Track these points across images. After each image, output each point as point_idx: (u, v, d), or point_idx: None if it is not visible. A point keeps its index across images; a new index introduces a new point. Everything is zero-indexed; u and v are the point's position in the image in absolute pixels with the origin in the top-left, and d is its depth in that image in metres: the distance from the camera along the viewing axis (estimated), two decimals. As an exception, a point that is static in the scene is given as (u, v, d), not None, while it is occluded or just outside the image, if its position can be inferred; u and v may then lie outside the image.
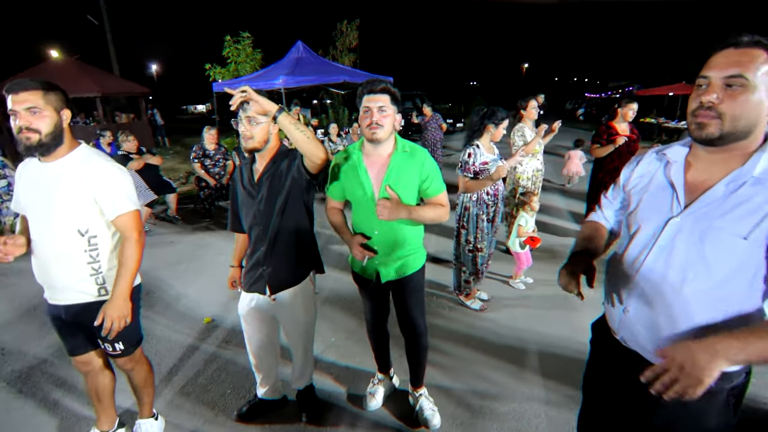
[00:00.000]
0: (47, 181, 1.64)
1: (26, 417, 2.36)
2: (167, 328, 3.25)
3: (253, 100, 1.64)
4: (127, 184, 1.74)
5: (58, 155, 1.64)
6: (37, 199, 1.65)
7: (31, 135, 1.54)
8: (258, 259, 1.94)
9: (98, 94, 12.47)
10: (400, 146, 1.89)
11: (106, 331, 1.68)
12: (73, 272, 1.70)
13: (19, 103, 1.52)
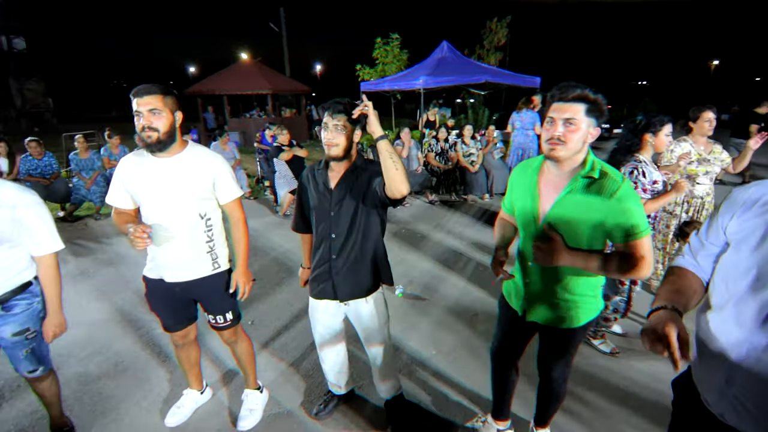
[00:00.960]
0: (170, 174, 1.88)
1: (150, 374, 2.86)
2: (285, 309, 3.57)
3: (369, 117, 1.67)
4: (232, 172, 2.02)
5: (173, 152, 1.88)
6: (161, 190, 1.88)
7: (152, 133, 1.78)
8: (327, 266, 1.95)
9: (270, 91, 14.49)
10: (587, 169, 1.49)
11: (241, 295, 2.09)
12: (195, 251, 1.98)
13: (143, 105, 1.76)
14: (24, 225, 1.80)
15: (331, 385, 2.37)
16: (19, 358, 1.92)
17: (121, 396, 2.55)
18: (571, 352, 1.79)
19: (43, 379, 2.04)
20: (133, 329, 3.28)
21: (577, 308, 1.65)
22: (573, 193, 1.51)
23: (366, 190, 1.83)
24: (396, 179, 1.63)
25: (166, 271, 1.99)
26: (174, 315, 2.14)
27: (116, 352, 2.98)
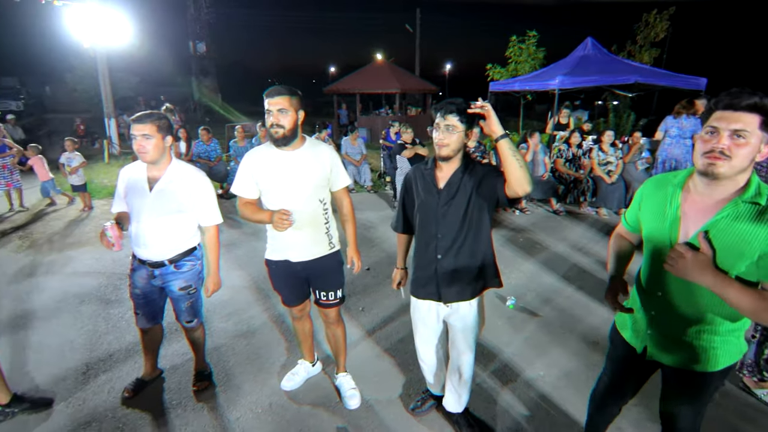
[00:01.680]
0: (295, 165, 2.08)
1: (272, 344, 3.19)
2: (392, 301, 3.69)
3: (487, 118, 1.67)
4: (342, 163, 2.25)
5: (295, 146, 2.09)
6: (288, 179, 2.10)
7: (279, 130, 1.99)
8: (432, 266, 1.94)
9: (399, 90, 15.00)
10: (750, 192, 1.25)
11: (357, 269, 2.36)
12: (317, 232, 2.20)
13: (273, 104, 1.97)
14: (198, 199, 2.24)
15: (429, 385, 2.39)
16: (182, 309, 2.37)
17: (250, 354, 2.95)
18: (704, 400, 1.52)
19: (195, 330, 2.49)
20: (263, 299, 3.75)
21: (716, 348, 1.39)
22: (729, 219, 1.26)
23: (477, 191, 1.82)
24: (519, 177, 1.63)
25: (291, 252, 2.22)
26: (294, 291, 2.38)
27: (249, 316, 3.45)
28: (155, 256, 2.23)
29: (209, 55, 26.22)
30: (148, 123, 2.09)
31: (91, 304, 3.66)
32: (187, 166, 2.27)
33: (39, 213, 6.48)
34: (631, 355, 1.60)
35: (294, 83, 2.22)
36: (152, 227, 2.19)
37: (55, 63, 22.30)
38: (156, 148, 2.11)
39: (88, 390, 2.59)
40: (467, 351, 2.09)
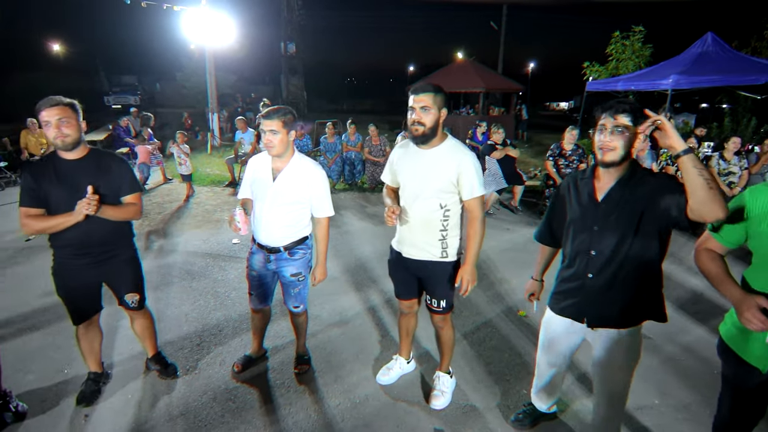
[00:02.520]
0: (426, 164, 2.08)
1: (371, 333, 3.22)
2: (487, 306, 3.58)
3: (664, 129, 1.45)
4: (480, 173, 2.08)
5: (432, 144, 2.06)
6: (416, 177, 2.11)
7: (419, 127, 1.98)
8: (579, 283, 1.75)
9: (483, 89, 14.61)
10: None
11: (462, 291, 2.11)
12: (428, 235, 2.15)
13: (417, 101, 1.97)
14: (314, 191, 2.34)
15: (534, 398, 2.26)
16: (291, 295, 2.49)
17: (344, 343, 3.03)
18: None
19: (300, 315, 2.61)
20: (356, 290, 3.84)
21: None
22: None
23: (648, 207, 1.57)
24: (708, 200, 1.36)
25: (403, 246, 2.25)
26: (403, 285, 2.39)
27: (344, 306, 3.55)
28: (273, 241, 2.36)
29: (297, 55, 27.71)
30: (275, 119, 2.19)
31: (201, 281, 4.01)
32: (307, 161, 2.38)
33: (153, 196, 7.28)
34: (753, 377, 1.46)
35: (372, 82, 2.24)
36: (272, 215, 2.32)
37: (167, 63, 24.99)
38: (281, 142, 2.22)
39: (202, 361, 2.82)
40: (610, 388, 1.84)
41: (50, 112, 1.98)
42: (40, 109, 1.99)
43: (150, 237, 5.24)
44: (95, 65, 29.14)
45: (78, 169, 2.12)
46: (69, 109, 2.03)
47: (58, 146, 2.05)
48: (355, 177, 7.74)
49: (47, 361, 2.79)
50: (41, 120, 2.00)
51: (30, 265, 4.32)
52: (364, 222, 5.87)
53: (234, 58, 19.93)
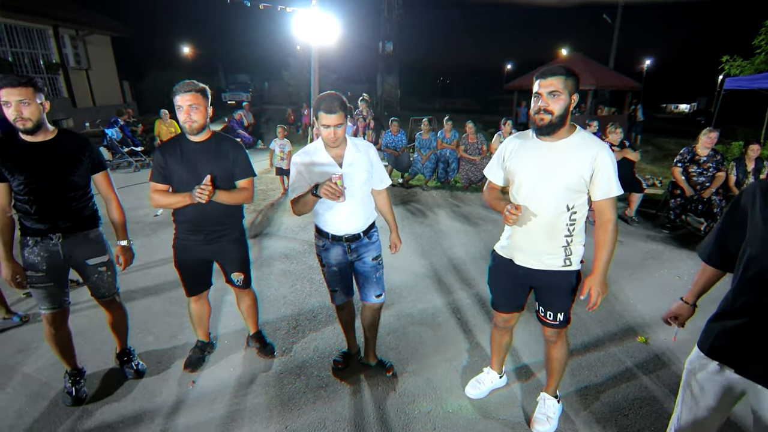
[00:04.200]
0: (553, 159, 1.82)
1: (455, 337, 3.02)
2: (599, 326, 3.17)
3: None
4: (615, 169, 1.80)
5: (559, 136, 1.81)
6: (539, 174, 1.85)
7: (545, 116, 1.75)
8: (756, 324, 1.31)
9: (593, 87, 13.38)
10: None
11: (591, 306, 1.87)
12: (551, 242, 1.89)
13: (545, 86, 1.74)
14: (374, 164, 2.32)
15: None
16: (372, 282, 2.39)
17: (436, 346, 2.89)
18: None
19: (376, 308, 2.48)
20: (447, 291, 3.68)
21: None
22: None
23: None
24: None
25: (517, 254, 2.00)
26: (507, 296, 2.18)
27: (434, 307, 3.40)
28: (353, 228, 2.28)
29: (394, 54, 28.15)
30: (340, 112, 2.08)
31: (297, 266, 4.16)
32: (354, 139, 2.29)
33: (258, 183, 7.83)
34: None
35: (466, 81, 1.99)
36: (351, 201, 2.21)
37: (275, 62, 27.02)
38: (344, 132, 2.15)
39: (297, 345, 2.89)
40: None
41: (184, 98, 2.12)
42: (176, 93, 2.13)
43: (254, 221, 5.62)
44: (216, 65, 32.62)
45: (200, 151, 2.25)
46: (200, 96, 2.16)
47: (186, 130, 2.19)
48: (449, 175, 7.53)
49: (164, 326, 3.07)
50: (176, 104, 2.14)
51: (156, 237, 4.87)
52: (456, 222, 5.65)
53: (334, 57, 20.82)
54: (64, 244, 2.17)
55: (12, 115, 1.97)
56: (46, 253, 2.15)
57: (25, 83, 1.97)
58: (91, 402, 2.34)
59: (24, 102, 1.96)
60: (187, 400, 2.37)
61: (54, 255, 2.16)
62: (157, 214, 5.57)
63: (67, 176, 2.13)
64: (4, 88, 1.94)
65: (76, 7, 14.69)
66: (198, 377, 2.55)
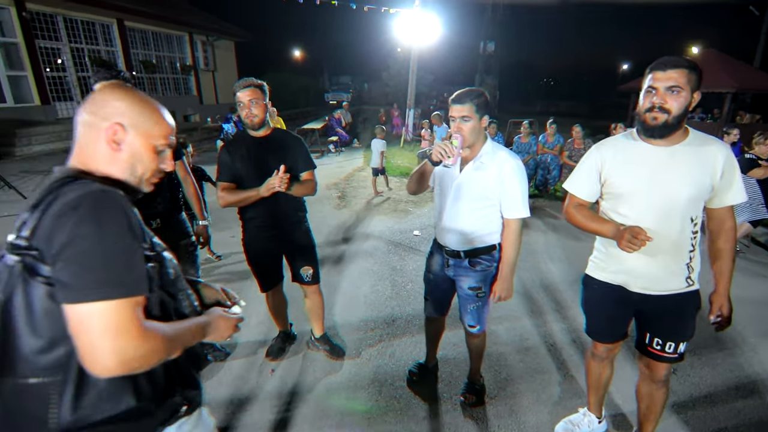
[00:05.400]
0: (672, 165, 1.55)
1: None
2: (722, 375, 2.62)
3: None
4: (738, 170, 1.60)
5: (675, 140, 1.56)
6: (656, 185, 1.57)
7: (660, 115, 1.50)
8: None
9: (732, 89, 11.41)
10: None
11: (721, 325, 1.69)
12: (675, 261, 1.63)
13: (662, 80, 1.48)
14: (505, 186, 1.93)
15: None
16: (467, 311, 2.17)
17: (523, 374, 2.61)
18: None
19: (476, 337, 2.25)
20: (538, 312, 3.34)
21: None
22: None
23: None
24: None
25: (635, 280, 1.69)
26: (611, 325, 1.87)
27: (524, 328, 3.10)
28: (453, 243, 2.08)
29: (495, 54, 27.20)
30: (467, 103, 1.87)
31: (380, 266, 4.12)
32: (501, 149, 2.00)
33: (350, 180, 8.03)
34: None
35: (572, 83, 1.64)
36: (455, 212, 2.03)
37: (376, 64, 27.77)
38: (473, 130, 1.89)
39: (373, 348, 2.82)
40: None
41: (244, 93, 2.16)
42: (236, 91, 2.19)
43: (343, 217, 5.74)
44: (321, 67, 34.59)
45: (263, 146, 2.27)
46: (259, 91, 2.19)
47: (248, 125, 2.24)
48: (548, 183, 6.95)
49: (252, 315, 3.22)
50: (237, 100, 2.19)
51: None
52: (553, 235, 5.17)
53: (432, 58, 20.69)
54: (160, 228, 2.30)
55: None
56: None
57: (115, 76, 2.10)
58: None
59: None
60: (264, 388, 2.43)
61: None
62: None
63: None
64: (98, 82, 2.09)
65: (208, 15, 16.60)
66: (277, 366, 2.61)
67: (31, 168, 8.15)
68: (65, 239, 0.77)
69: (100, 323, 0.76)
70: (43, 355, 0.80)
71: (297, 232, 2.44)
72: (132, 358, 0.78)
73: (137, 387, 0.88)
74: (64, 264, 0.77)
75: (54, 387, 0.80)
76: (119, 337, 0.77)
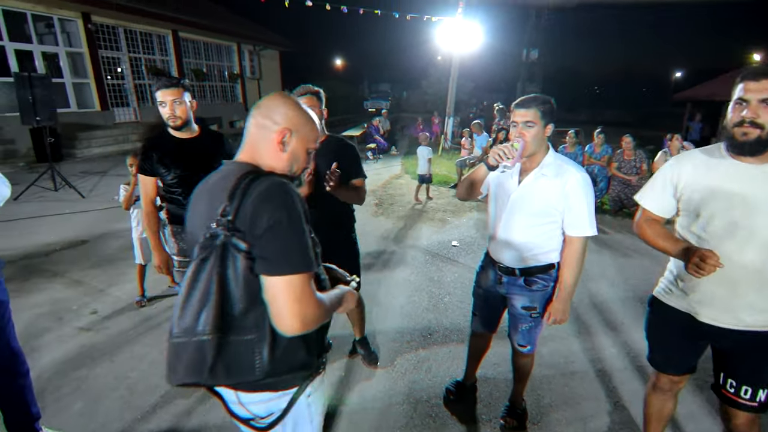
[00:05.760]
0: (758, 186, 1.40)
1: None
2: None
3: None
4: None
5: (765, 159, 1.39)
6: (743, 206, 1.41)
7: (751, 130, 1.35)
8: None
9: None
10: None
11: None
12: (760, 293, 1.43)
13: (755, 91, 1.34)
14: (570, 201, 1.79)
15: None
16: (518, 330, 2.04)
17: (567, 400, 2.44)
18: None
19: (524, 357, 2.12)
20: (586, 333, 3.14)
21: None
22: None
23: None
24: None
25: (704, 309, 1.52)
26: (675, 355, 1.71)
27: (569, 349, 2.92)
28: (507, 260, 1.97)
29: (539, 61, 26.56)
30: (532, 108, 1.76)
31: (418, 276, 4.04)
32: (565, 161, 1.87)
33: (387, 187, 8.00)
34: None
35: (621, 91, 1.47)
36: (511, 226, 1.92)
37: (416, 72, 27.86)
38: (536, 138, 1.77)
39: (409, 362, 2.73)
40: None
41: (310, 99, 2.14)
42: (295, 95, 2.18)
43: (380, 225, 5.71)
44: (362, 75, 35.11)
45: (318, 150, 2.23)
46: (314, 98, 2.17)
47: None
48: (595, 196, 6.62)
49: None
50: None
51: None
52: (600, 251, 4.89)
53: (473, 66, 20.48)
54: None
55: (166, 114, 2.20)
56: None
57: (174, 83, 2.19)
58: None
59: (176, 101, 2.20)
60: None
61: None
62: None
63: (209, 169, 2.32)
64: (158, 90, 2.18)
65: (255, 26, 17.25)
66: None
67: (90, 169, 8.70)
68: (266, 224, 0.96)
69: (290, 292, 0.97)
70: (246, 316, 1.00)
71: (342, 241, 2.39)
72: (309, 321, 1.00)
73: (307, 344, 1.10)
74: (266, 243, 0.97)
75: (257, 342, 1.01)
76: (302, 303, 0.98)
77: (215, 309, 0.95)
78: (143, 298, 3.40)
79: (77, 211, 5.92)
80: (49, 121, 7.12)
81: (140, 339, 2.92)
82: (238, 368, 1.00)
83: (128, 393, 2.40)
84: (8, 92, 8.80)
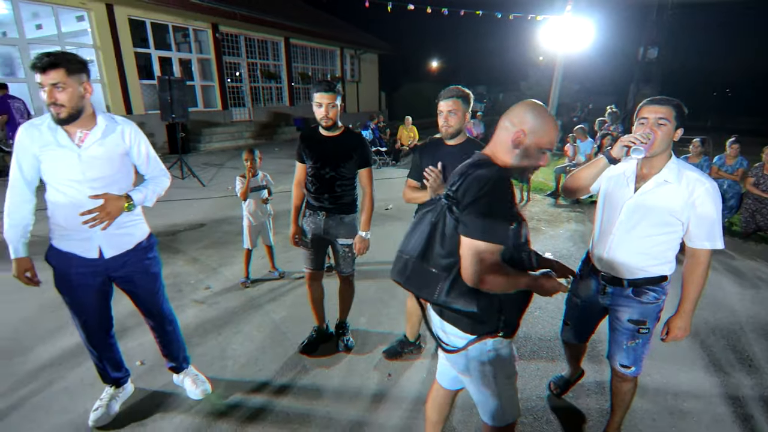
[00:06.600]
0: None
1: None
2: None
3: None
4: None
5: None
6: None
7: None
8: None
9: None
10: None
11: None
12: None
13: None
14: (697, 211, 1.67)
15: None
16: (621, 347, 1.88)
17: None
18: None
19: (627, 381, 1.94)
20: (706, 365, 2.74)
21: None
22: None
23: None
24: None
25: None
26: None
27: (680, 381, 2.56)
28: (617, 270, 1.82)
29: (657, 61, 23.76)
30: (667, 106, 1.65)
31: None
32: (690, 168, 1.70)
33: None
34: None
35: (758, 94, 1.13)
36: (625, 236, 1.78)
37: (513, 74, 26.79)
38: (665, 138, 1.65)
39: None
40: None
41: (445, 104, 2.19)
42: (439, 99, 2.23)
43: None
44: (457, 77, 34.71)
45: (453, 155, 2.15)
46: (459, 102, 2.18)
47: (442, 134, 2.28)
48: (724, 215, 5.76)
49: (375, 312, 3.32)
50: (438, 109, 2.22)
51: (383, 228, 5.38)
52: (728, 278, 4.23)
53: (579, 66, 19.04)
54: (325, 221, 2.57)
55: (320, 114, 2.38)
56: (313, 225, 2.61)
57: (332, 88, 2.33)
58: (310, 358, 2.73)
59: (331, 105, 2.35)
60: (381, 389, 2.48)
61: (318, 227, 2.60)
62: (388, 207, 6.21)
63: (339, 167, 2.48)
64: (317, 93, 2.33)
65: (357, 30, 18.01)
66: (393, 370, 2.63)
67: (210, 161, 9.86)
68: (470, 199, 1.27)
69: (476, 253, 1.25)
70: (442, 259, 1.34)
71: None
72: (483, 281, 1.26)
73: (479, 301, 1.31)
74: (468, 212, 1.27)
75: (442, 278, 1.33)
76: (481, 265, 1.25)
77: (423, 244, 1.37)
78: (247, 279, 3.77)
79: (198, 198, 6.75)
80: (182, 118, 8.26)
81: (244, 317, 3.24)
82: (425, 287, 1.36)
83: (232, 363, 2.68)
84: (152, 93, 10.40)
